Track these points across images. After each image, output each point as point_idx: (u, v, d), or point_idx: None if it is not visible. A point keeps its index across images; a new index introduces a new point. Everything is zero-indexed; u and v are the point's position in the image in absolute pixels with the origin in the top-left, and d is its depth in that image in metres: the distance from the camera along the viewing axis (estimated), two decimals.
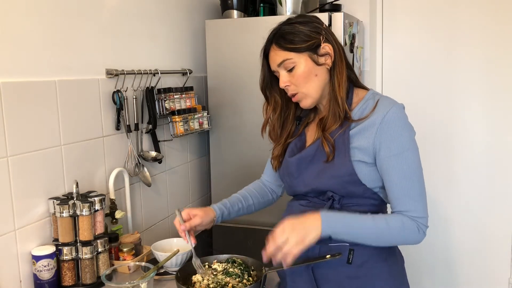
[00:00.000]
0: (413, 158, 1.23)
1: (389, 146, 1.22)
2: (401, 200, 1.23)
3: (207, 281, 1.35)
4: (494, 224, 2.59)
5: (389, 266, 1.32)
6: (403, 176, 1.22)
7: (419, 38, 2.62)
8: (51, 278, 1.43)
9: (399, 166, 1.22)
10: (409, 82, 2.66)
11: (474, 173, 2.60)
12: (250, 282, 1.35)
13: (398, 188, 1.23)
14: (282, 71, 1.30)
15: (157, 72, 1.94)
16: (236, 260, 1.44)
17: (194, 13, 2.31)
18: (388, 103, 1.25)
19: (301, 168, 1.34)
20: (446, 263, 2.73)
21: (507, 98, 2.51)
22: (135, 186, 1.92)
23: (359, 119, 1.27)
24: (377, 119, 1.23)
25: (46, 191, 1.48)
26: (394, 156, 1.22)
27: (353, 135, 1.26)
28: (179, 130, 2.03)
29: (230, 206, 1.49)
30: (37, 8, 1.44)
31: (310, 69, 1.28)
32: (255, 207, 1.55)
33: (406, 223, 1.22)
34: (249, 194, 1.55)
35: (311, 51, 1.28)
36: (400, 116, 1.23)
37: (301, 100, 1.32)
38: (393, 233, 1.22)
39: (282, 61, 1.28)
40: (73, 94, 1.57)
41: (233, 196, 1.54)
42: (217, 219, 1.45)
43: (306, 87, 1.29)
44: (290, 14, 2.18)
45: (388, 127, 1.22)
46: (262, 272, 1.34)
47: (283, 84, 1.30)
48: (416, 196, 1.23)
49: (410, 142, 1.23)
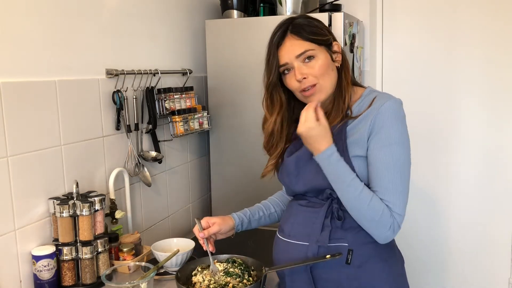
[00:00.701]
0: (401, 152, 1.22)
1: (380, 136, 1.22)
2: (381, 192, 1.22)
3: (208, 281, 1.35)
4: (494, 224, 2.59)
5: (389, 266, 1.32)
6: (385, 168, 1.21)
7: (419, 38, 2.62)
8: (51, 278, 1.43)
9: (385, 158, 1.21)
10: (409, 82, 2.66)
11: (474, 172, 2.60)
12: (250, 282, 1.35)
13: (379, 179, 1.22)
14: (298, 63, 1.27)
15: (157, 72, 1.94)
16: (236, 260, 1.44)
17: (194, 13, 2.31)
18: (385, 97, 1.27)
19: (300, 166, 1.34)
20: (446, 263, 2.73)
21: (507, 98, 2.51)
22: (135, 186, 1.92)
23: (356, 115, 1.27)
24: (373, 111, 1.24)
25: (46, 191, 1.48)
26: (383, 147, 1.21)
27: (349, 130, 1.27)
28: (179, 130, 2.03)
29: (250, 214, 1.49)
30: (37, 8, 1.44)
31: (328, 63, 1.28)
32: (278, 215, 1.54)
33: (385, 214, 1.20)
34: (270, 203, 1.55)
35: (327, 46, 1.29)
36: (396, 109, 1.23)
37: (315, 94, 1.28)
38: (370, 205, 1.20)
39: (303, 51, 1.26)
40: (73, 94, 1.57)
41: (255, 206, 1.55)
42: (237, 227, 1.46)
43: (324, 80, 1.27)
44: (290, 14, 2.18)
45: (382, 116, 1.22)
46: (262, 272, 1.34)
47: (300, 75, 1.26)
48: (397, 191, 1.21)
49: (400, 135, 1.23)
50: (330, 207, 1.29)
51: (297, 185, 1.36)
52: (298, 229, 1.34)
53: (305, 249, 1.30)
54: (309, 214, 1.32)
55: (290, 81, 1.30)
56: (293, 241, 1.34)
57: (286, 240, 1.36)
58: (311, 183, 1.31)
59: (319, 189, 1.31)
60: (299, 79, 1.26)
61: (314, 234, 1.28)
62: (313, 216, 1.31)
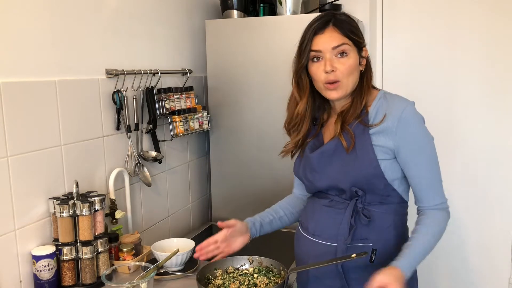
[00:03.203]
0: (432, 149, 1.31)
1: (411, 145, 1.28)
2: (431, 197, 1.32)
3: (234, 285, 1.35)
4: (494, 224, 2.59)
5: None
6: (429, 174, 1.31)
7: (419, 38, 2.62)
8: (51, 278, 1.43)
9: (424, 163, 1.30)
10: (409, 82, 2.66)
11: (475, 172, 2.60)
12: (276, 282, 1.36)
13: (427, 186, 1.31)
14: (331, 54, 1.28)
15: (157, 72, 1.94)
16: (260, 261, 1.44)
17: (194, 13, 2.31)
18: (400, 104, 1.30)
19: (323, 163, 1.36)
20: (445, 262, 2.73)
21: (507, 98, 2.51)
22: (135, 186, 1.92)
23: (376, 123, 1.29)
24: (394, 121, 1.27)
25: (46, 191, 1.48)
26: (418, 153, 1.29)
27: (372, 134, 1.30)
28: (179, 130, 2.03)
29: (260, 218, 1.50)
30: (37, 8, 1.44)
31: (357, 64, 1.31)
32: (288, 218, 1.55)
33: (442, 217, 1.32)
34: (279, 207, 1.56)
35: (358, 48, 1.32)
36: (415, 113, 1.30)
37: (337, 89, 1.30)
38: (441, 233, 1.32)
39: (341, 43, 1.28)
40: (73, 94, 1.57)
41: (264, 211, 1.55)
42: (251, 229, 1.46)
43: (348, 79, 1.30)
44: (290, 14, 2.18)
45: (406, 127, 1.27)
46: (284, 272, 1.34)
47: (330, 67, 1.27)
48: (439, 186, 1.33)
49: (427, 135, 1.31)
50: (355, 206, 1.31)
51: (320, 181, 1.37)
52: (324, 229, 1.35)
53: (334, 250, 1.32)
54: (334, 214, 1.34)
55: (318, 70, 1.31)
56: (319, 240, 1.35)
57: (312, 239, 1.37)
58: (335, 181, 1.33)
59: (342, 187, 1.32)
60: (328, 70, 1.28)
61: (342, 235, 1.31)
62: (338, 217, 1.33)
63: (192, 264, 1.64)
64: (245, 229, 1.44)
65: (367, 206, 1.31)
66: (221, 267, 1.43)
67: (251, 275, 1.39)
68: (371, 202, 1.31)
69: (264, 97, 2.17)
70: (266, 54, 2.14)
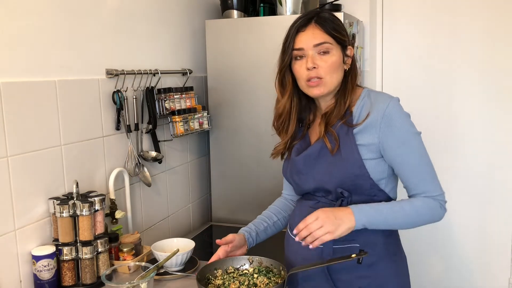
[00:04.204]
0: (419, 142, 1.29)
1: (396, 138, 1.27)
2: (418, 184, 1.29)
3: (234, 285, 1.35)
4: (494, 224, 2.59)
5: (396, 266, 1.35)
6: (415, 162, 1.28)
7: (419, 38, 2.62)
8: (51, 278, 1.43)
9: (410, 153, 1.28)
10: (409, 82, 2.66)
11: (475, 172, 2.60)
12: (276, 282, 1.35)
13: (413, 174, 1.29)
14: (313, 52, 1.29)
15: (157, 72, 1.94)
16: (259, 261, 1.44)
17: (194, 13, 2.31)
18: (384, 100, 1.29)
19: (309, 165, 1.36)
20: (445, 262, 2.73)
21: (507, 98, 2.51)
22: (135, 186, 1.92)
23: (359, 122, 1.29)
24: (378, 117, 1.27)
25: (46, 191, 1.48)
26: (403, 145, 1.26)
27: (356, 133, 1.29)
28: (179, 130, 2.03)
29: (255, 226, 1.51)
30: (37, 8, 1.44)
31: (340, 62, 1.31)
32: (281, 222, 1.55)
33: (430, 203, 1.28)
34: (272, 213, 1.56)
35: (343, 47, 1.32)
36: (398, 108, 1.28)
37: (319, 86, 1.30)
38: (421, 213, 1.28)
39: (322, 42, 1.28)
40: (73, 94, 1.57)
41: (257, 218, 1.55)
42: (248, 239, 1.47)
43: (331, 76, 1.30)
44: (290, 14, 2.18)
45: (390, 122, 1.26)
46: (284, 272, 1.34)
47: (311, 64, 1.28)
48: (430, 177, 1.30)
49: (412, 129, 1.29)
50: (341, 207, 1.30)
51: (306, 183, 1.37)
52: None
53: (320, 251, 1.31)
54: None
55: (300, 67, 1.31)
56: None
57: (299, 241, 1.37)
58: (321, 182, 1.33)
59: (328, 188, 1.32)
60: (309, 67, 1.28)
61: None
62: None
63: (192, 264, 1.64)
64: (242, 241, 1.45)
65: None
66: (221, 267, 1.43)
67: (251, 275, 1.39)
68: (357, 203, 1.29)
69: (264, 97, 2.17)
70: (266, 54, 2.14)
